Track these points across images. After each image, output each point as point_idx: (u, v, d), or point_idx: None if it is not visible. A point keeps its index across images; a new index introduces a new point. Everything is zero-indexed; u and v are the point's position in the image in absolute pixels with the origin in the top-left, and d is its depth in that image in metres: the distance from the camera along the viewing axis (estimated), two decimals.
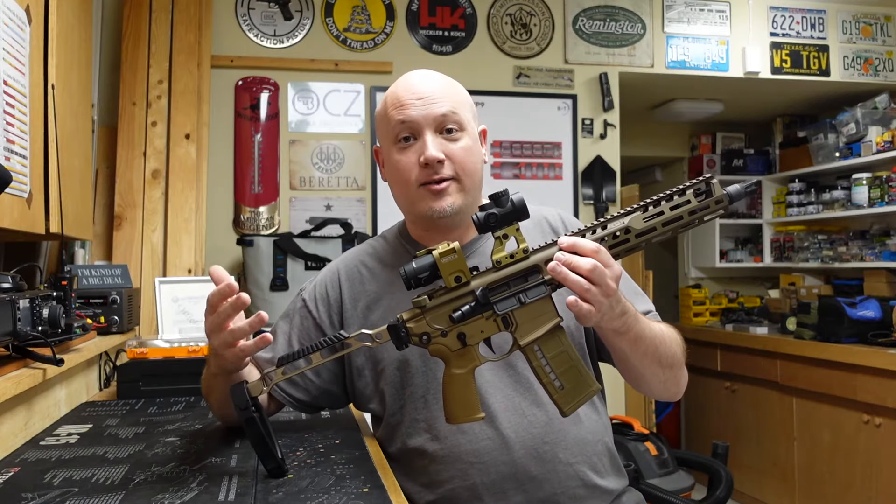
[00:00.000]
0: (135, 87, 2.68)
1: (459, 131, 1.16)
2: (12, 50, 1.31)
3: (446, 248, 0.96)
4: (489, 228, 0.96)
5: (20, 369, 1.22)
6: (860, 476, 3.15)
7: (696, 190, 0.97)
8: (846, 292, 3.71)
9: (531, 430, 1.13)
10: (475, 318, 0.97)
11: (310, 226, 2.86)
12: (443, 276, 0.96)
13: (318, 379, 1.23)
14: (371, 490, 0.91)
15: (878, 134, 3.65)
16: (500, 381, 1.15)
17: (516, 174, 3.22)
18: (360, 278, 1.25)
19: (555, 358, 0.98)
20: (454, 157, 1.15)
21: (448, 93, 1.17)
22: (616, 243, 0.97)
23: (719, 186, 0.97)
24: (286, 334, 1.26)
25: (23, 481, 0.95)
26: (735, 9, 3.53)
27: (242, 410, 0.94)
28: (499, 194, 0.96)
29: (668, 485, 2.52)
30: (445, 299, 0.98)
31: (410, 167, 1.15)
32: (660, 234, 0.97)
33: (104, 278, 2.01)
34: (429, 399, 1.15)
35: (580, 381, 0.99)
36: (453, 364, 0.99)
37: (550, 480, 1.11)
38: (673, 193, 0.97)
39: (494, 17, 3.23)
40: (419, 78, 1.19)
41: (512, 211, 0.96)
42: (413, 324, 0.98)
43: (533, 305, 0.97)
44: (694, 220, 0.97)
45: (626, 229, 0.97)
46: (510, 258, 0.97)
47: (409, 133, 1.15)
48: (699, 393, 4.35)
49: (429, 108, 1.14)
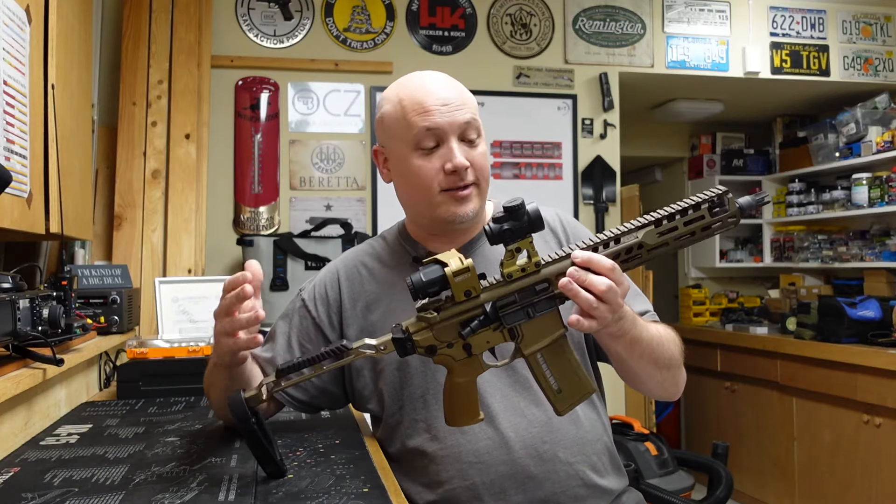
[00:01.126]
0: (135, 87, 2.68)
1: (479, 138, 1.17)
2: (12, 50, 1.31)
3: (460, 266, 0.93)
4: (502, 242, 0.94)
5: (20, 369, 1.22)
6: (860, 476, 3.15)
7: (710, 206, 0.95)
8: (846, 292, 3.70)
9: (531, 429, 1.13)
10: (482, 329, 0.96)
11: (310, 226, 2.86)
12: (454, 293, 0.94)
13: (317, 380, 1.23)
14: (371, 490, 0.91)
15: (878, 134, 3.65)
16: (499, 382, 1.15)
17: (516, 174, 3.22)
18: (359, 278, 1.25)
19: (555, 364, 0.98)
20: (475, 163, 1.15)
21: (467, 98, 1.17)
22: (629, 258, 0.95)
23: (734, 201, 0.94)
24: (285, 334, 1.26)
25: (23, 481, 0.95)
26: (735, 9, 3.53)
27: (243, 423, 0.94)
28: (515, 207, 0.92)
29: (668, 485, 2.53)
30: (453, 312, 0.96)
31: (434, 173, 1.14)
32: (671, 248, 0.96)
33: (104, 278, 2.01)
34: (428, 399, 1.15)
35: (578, 383, 0.99)
36: (457, 373, 0.98)
37: (550, 480, 1.11)
38: (688, 208, 0.95)
39: (494, 17, 3.23)
40: (437, 83, 1.17)
41: (527, 225, 0.93)
42: (419, 336, 0.96)
43: (540, 318, 0.96)
44: (706, 235, 0.95)
45: (640, 245, 0.94)
46: (521, 272, 0.95)
47: (434, 141, 1.14)
48: (699, 393, 4.35)
49: (454, 116, 1.14)
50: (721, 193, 0.95)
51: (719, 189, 0.95)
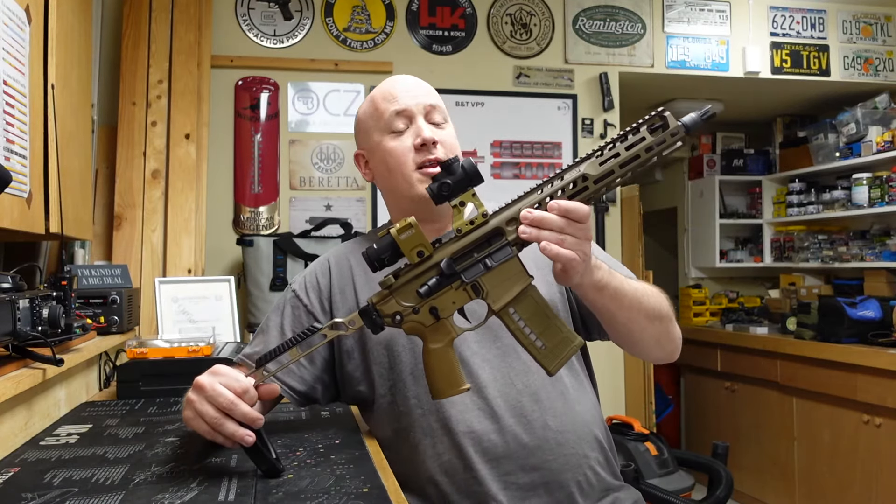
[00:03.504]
0: (135, 86, 2.68)
1: (445, 122, 1.26)
2: (12, 50, 1.31)
3: (403, 223, 0.95)
4: (444, 198, 0.96)
5: (20, 369, 1.22)
6: (860, 476, 3.15)
7: (650, 126, 0.95)
8: (846, 292, 3.70)
9: (520, 398, 1.14)
10: (444, 290, 0.97)
11: (310, 226, 2.86)
12: (404, 252, 0.96)
13: (312, 366, 1.23)
14: (371, 490, 0.90)
15: (879, 134, 3.65)
16: (487, 353, 1.17)
17: (516, 174, 3.22)
18: (348, 269, 1.27)
19: (532, 318, 0.98)
20: (445, 142, 1.23)
21: (432, 91, 1.28)
22: (575, 192, 0.95)
23: (673, 118, 0.94)
24: (278, 326, 1.26)
25: (23, 481, 0.95)
26: (735, 9, 3.53)
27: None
28: (448, 162, 0.96)
29: (668, 485, 2.52)
30: (411, 276, 0.98)
31: (406, 151, 1.21)
32: (618, 176, 0.95)
33: (104, 278, 2.01)
34: (417, 375, 1.16)
35: (561, 338, 0.98)
36: (430, 339, 0.99)
37: (541, 448, 1.13)
38: (627, 133, 0.95)
39: (494, 17, 3.23)
40: (405, 77, 1.29)
41: (464, 177, 0.95)
42: (383, 305, 0.98)
43: (501, 268, 0.96)
44: (651, 156, 0.95)
45: (584, 177, 0.95)
46: (470, 224, 0.97)
47: (404, 122, 1.23)
48: (699, 393, 4.35)
49: (418, 98, 1.24)
50: (659, 113, 0.95)
51: (658, 109, 0.96)
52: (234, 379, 0.96)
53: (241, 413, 0.93)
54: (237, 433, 0.93)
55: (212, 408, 0.94)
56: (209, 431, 0.95)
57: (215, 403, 0.94)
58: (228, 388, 0.95)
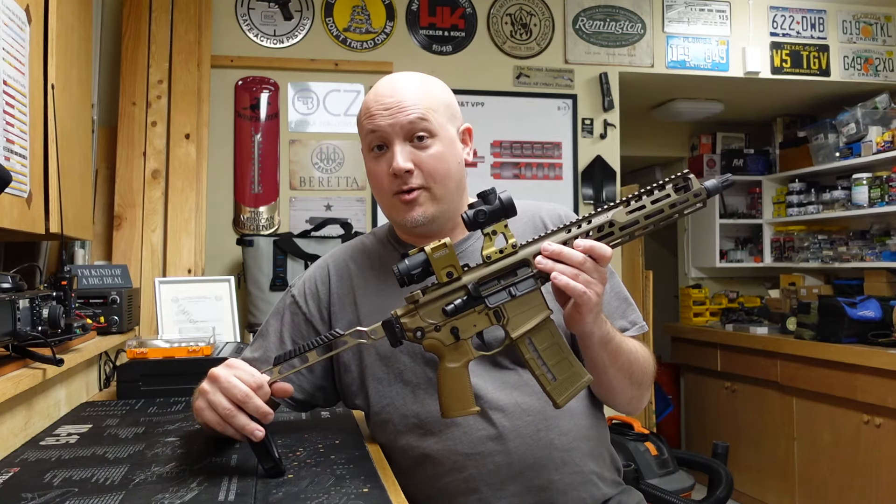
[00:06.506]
0: (135, 87, 2.68)
1: (430, 138, 1.15)
2: (12, 50, 1.31)
3: (438, 243, 0.99)
4: (479, 226, 1.00)
5: (20, 369, 1.22)
6: (860, 476, 3.15)
7: (675, 185, 1.00)
8: (846, 292, 3.70)
9: (525, 418, 1.13)
10: (468, 312, 1.00)
11: (310, 226, 2.86)
12: (435, 271, 0.99)
13: (311, 375, 1.23)
14: (371, 490, 0.90)
15: (879, 134, 3.65)
16: (491, 373, 1.16)
17: (516, 174, 3.22)
18: (348, 274, 1.26)
19: (546, 350, 1.01)
20: (423, 165, 1.14)
21: (420, 97, 1.15)
22: (601, 236, 1.01)
23: (697, 181, 1.00)
24: (277, 332, 1.26)
25: (23, 481, 0.95)
26: (735, 9, 3.53)
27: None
28: (486, 192, 1.00)
29: (668, 485, 2.52)
30: (438, 294, 1.01)
31: (382, 176, 1.16)
32: (642, 227, 1.00)
33: (104, 278, 2.01)
34: (418, 394, 1.15)
35: (572, 371, 1.02)
36: (447, 358, 1.01)
37: (547, 468, 1.12)
38: (653, 188, 1.01)
39: (494, 17, 3.23)
40: (392, 85, 1.17)
41: (500, 208, 0.99)
42: (407, 319, 1.00)
43: (523, 298, 1.00)
44: (674, 213, 1.00)
45: (611, 223, 1.00)
46: (499, 253, 1.01)
47: (379, 142, 1.16)
48: (699, 393, 4.35)
49: (395, 118, 1.13)
50: (683, 174, 1.01)
51: (683, 171, 1.02)
52: (249, 373, 0.97)
53: (255, 407, 0.94)
54: (248, 426, 0.93)
55: (225, 399, 0.95)
56: (220, 423, 0.96)
57: (229, 395, 0.95)
58: (243, 381, 0.96)
